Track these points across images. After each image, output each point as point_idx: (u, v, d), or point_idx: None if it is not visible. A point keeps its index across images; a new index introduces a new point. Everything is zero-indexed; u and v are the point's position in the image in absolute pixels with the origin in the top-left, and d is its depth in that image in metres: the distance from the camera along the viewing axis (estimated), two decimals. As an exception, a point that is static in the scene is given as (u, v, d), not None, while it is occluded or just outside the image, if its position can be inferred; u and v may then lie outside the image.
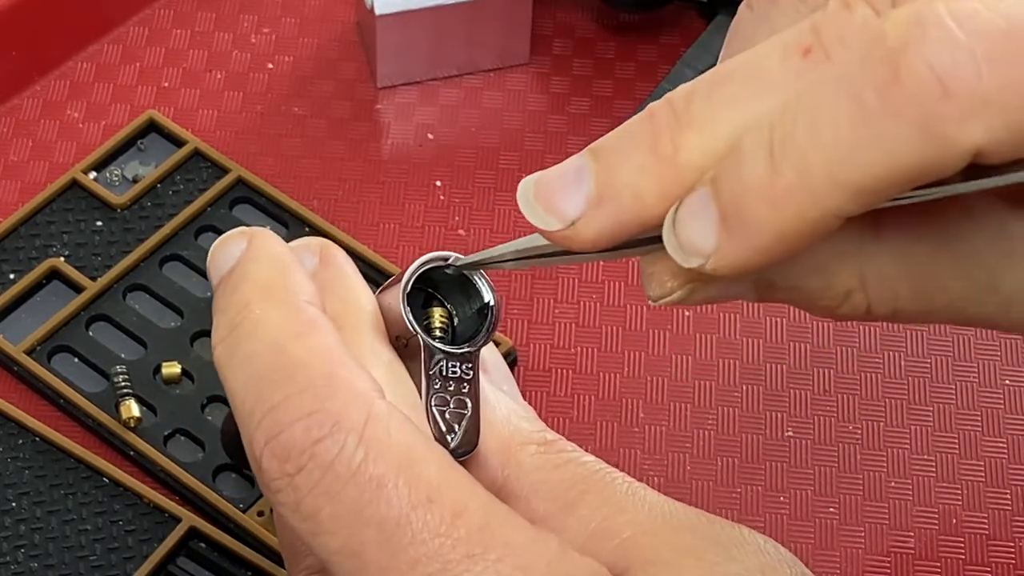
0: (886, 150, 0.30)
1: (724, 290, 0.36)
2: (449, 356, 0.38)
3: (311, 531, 0.34)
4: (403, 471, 0.34)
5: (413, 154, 0.66)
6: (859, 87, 0.30)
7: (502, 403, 0.39)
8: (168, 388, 0.57)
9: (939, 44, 0.30)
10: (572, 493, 0.37)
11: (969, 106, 0.30)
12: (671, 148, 0.33)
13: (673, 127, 0.33)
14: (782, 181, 0.31)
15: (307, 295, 0.37)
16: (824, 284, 0.36)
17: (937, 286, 0.35)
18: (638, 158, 0.33)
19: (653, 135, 0.33)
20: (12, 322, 0.59)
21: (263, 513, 0.55)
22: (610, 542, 0.36)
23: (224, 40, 0.69)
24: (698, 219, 0.33)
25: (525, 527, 0.34)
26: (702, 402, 0.59)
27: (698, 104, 0.33)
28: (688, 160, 0.33)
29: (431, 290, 0.39)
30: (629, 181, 0.33)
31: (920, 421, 0.59)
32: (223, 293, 0.38)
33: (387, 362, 0.38)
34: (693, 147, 0.33)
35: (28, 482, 0.55)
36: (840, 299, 0.36)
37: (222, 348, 0.37)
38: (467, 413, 0.37)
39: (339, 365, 0.35)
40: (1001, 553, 0.56)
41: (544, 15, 0.70)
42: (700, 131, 0.33)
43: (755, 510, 0.56)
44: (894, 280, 0.35)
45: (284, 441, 0.34)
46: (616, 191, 0.33)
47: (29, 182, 0.64)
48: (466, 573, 0.33)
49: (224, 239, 0.39)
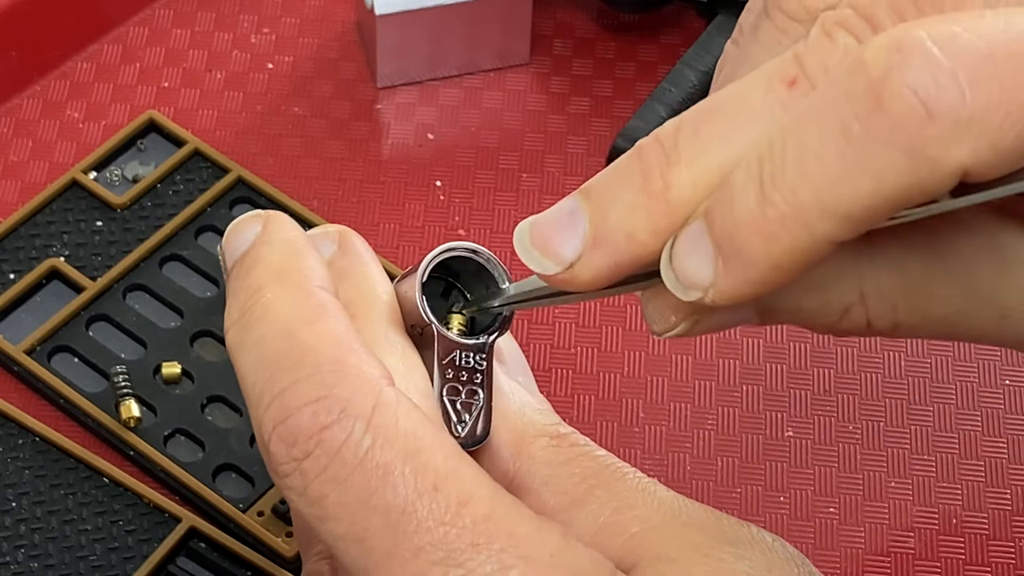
0: (874, 177, 0.31)
1: (726, 319, 0.36)
2: (463, 346, 0.38)
3: (317, 516, 0.35)
4: (410, 459, 0.34)
5: (413, 154, 0.66)
6: (843, 116, 0.31)
7: (517, 395, 0.39)
8: (168, 388, 0.57)
9: (921, 69, 0.30)
10: (582, 487, 0.37)
11: (953, 128, 0.30)
12: (661, 185, 0.33)
13: (662, 164, 0.34)
14: (773, 213, 0.31)
15: (319, 280, 0.37)
16: (823, 301, 0.36)
17: (933, 299, 0.36)
18: (629, 197, 0.34)
19: (643, 173, 0.34)
20: (12, 322, 0.59)
21: (263, 513, 0.55)
22: (619, 537, 0.36)
23: (224, 40, 0.69)
24: (694, 253, 0.33)
25: (530, 517, 0.35)
26: (702, 402, 0.59)
27: (685, 140, 0.34)
28: (679, 196, 0.33)
29: (451, 279, 0.40)
30: (622, 221, 0.34)
31: (920, 421, 0.59)
32: (236, 276, 0.38)
33: (400, 350, 0.38)
34: (684, 183, 0.33)
35: (28, 482, 0.55)
36: (840, 315, 0.36)
37: (234, 331, 0.37)
38: (479, 404, 0.38)
39: (348, 351, 0.35)
40: (1001, 553, 0.56)
41: (544, 15, 0.70)
42: (689, 166, 0.33)
43: (755, 510, 0.56)
44: (891, 293, 0.36)
45: (292, 426, 0.34)
46: (610, 232, 0.34)
47: (29, 182, 0.64)
48: (470, 561, 0.33)
49: (239, 222, 0.39)
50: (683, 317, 0.35)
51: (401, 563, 0.34)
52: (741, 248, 0.32)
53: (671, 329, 0.36)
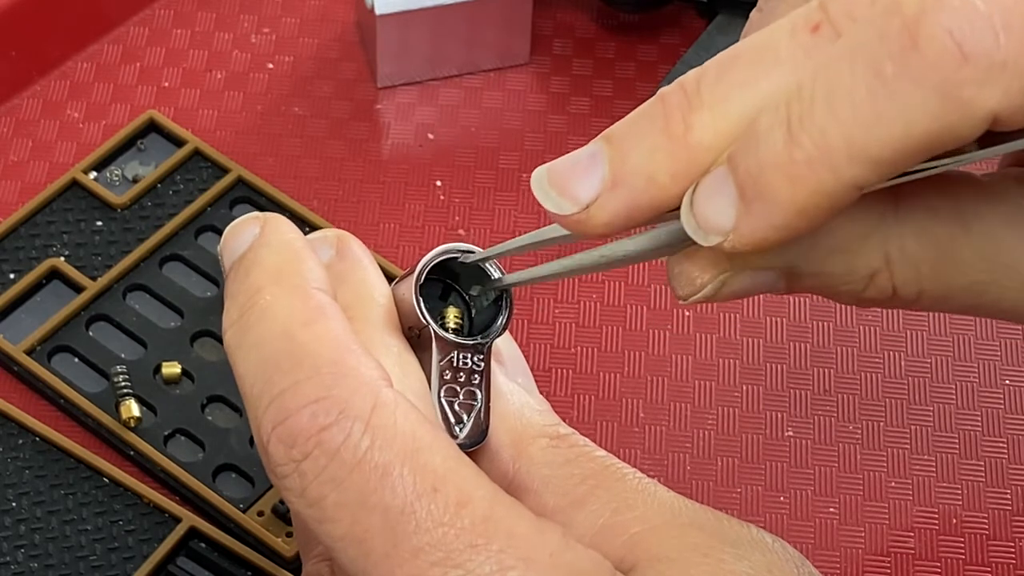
0: (905, 118, 0.31)
1: (752, 281, 0.36)
2: (460, 347, 0.38)
3: (316, 518, 0.34)
4: (408, 459, 0.34)
5: (413, 154, 0.66)
6: (877, 57, 0.31)
7: (516, 396, 0.39)
8: (168, 388, 0.57)
9: (957, 11, 0.30)
10: (582, 488, 0.37)
11: (987, 71, 0.30)
12: (683, 128, 0.33)
13: (684, 108, 0.33)
14: (801, 154, 0.31)
15: (318, 282, 0.37)
16: (849, 266, 0.36)
17: (957, 265, 0.36)
18: (651, 140, 0.34)
19: (665, 117, 0.34)
20: (12, 322, 0.59)
21: (263, 513, 0.55)
22: (619, 538, 0.36)
23: (224, 40, 0.69)
24: (716, 197, 0.33)
25: (529, 518, 0.35)
26: (702, 402, 0.59)
27: (708, 85, 0.33)
28: (701, 140, 0.33)
29: (449, 281, 0.39)
30: (642, 163, 0.34)
31: (920, 421, 0.59)
32: (235, 278, 0.38)
33: (396, 353, 0.38)
34: (706, 126, 0.33)
35: (28, 482, 0.55)
36: (865, 281, 0.36)
37: (232, 333, 0.37)
38: (477, 405, 0.37)
39: (347, 352, 0.35)
40: (1001, 553, 0.56)
41: (544, 15, 0.70)
42: (712, 110, 0.33)
43: (755, 510, 0.56)
44: (916, 258, 0.36)
45: (290, 427, 0.34)
46: (630, 173, 0.34)
47: (29, 182, 0.64)
48: (469, 562, 0.33)
49: (237, 224, 0.39)
50: (710, 278, 0.35)
51: (400, 564, 0.34)
52: (764, 190, 0.32)
53: (696, 292, 0.35)
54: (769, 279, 0.36)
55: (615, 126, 0.35)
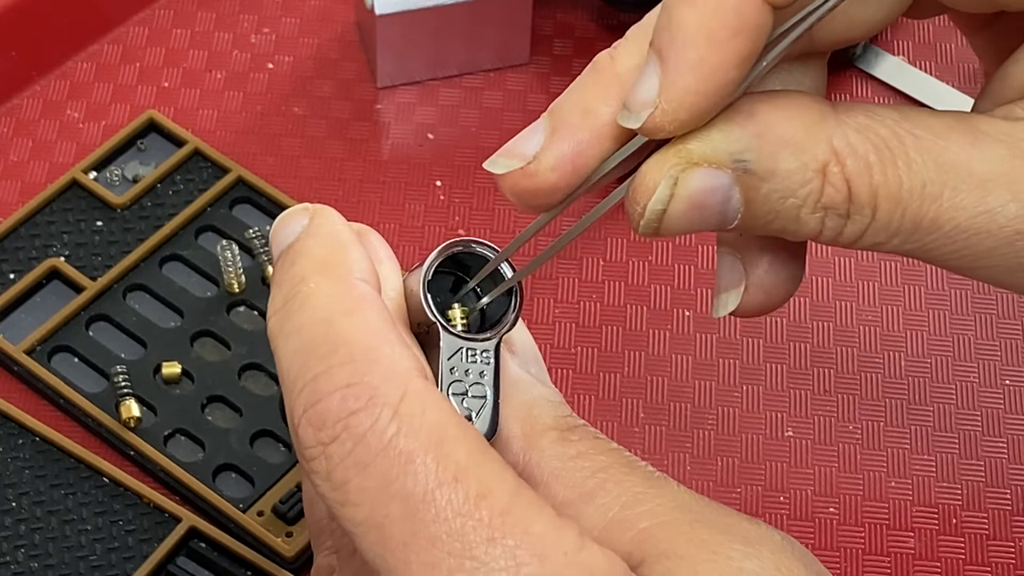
0: None
1: (703, 182, 0.36)
2: (469, 344, 0.38)
3: (339, 501, 0.35)
4: (433, 448, 0.34)
5: (413, 154, 0.66)
6: None
7: (528, 386, 0.39)
8: (168, 388, 0.57)
9: None
10: (592, 481, 0.37)
11: None
12: (608, 60, 0.37)
13: (610, 51, 0.37)
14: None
15: (362, 273, 0.37)
16: (800, 161, 0.36)
17: (905, 163, 0.36)
18: (581, 81, 0.37)
19: (593, 65, 0.37)
20: (12, 322, 0.59)
21: (263, 513, 0.55)
22: (627, 532, 0.36)
23: (224, 40, 0.69)
24: (642, 79, 0.35)
25: (548, 515, 0.34)
26: (702, 402, 0.59)
27: (631, 31, 0.37)
28: (627, 64, 0.36)
29: (460, 273, 0.39)
30: (576, 99, 0.36)
31: (920, 421, 0.59)
32: (281, 267, 0.38)
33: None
34: (631, 53, 0.36)
35: (28, 482, 0.55)
36: (820, 178, 0.36)
37: (275, 320, 0.37)
38: (486, 401, 0.37)
39: (384, 342, 0.36)
40: (1001, 553, 0.56)
41: (544, 15, 0.70)
42: (635, 41, 0.37)
43: (755, 510, 0.56)
44: (862, 150, 0.36)
45: (321, 410, 0.35)
46: (567, 112, 0.36)
47: (29, 182, 0.64)
48: (484, 555, 0.33)
49: (287, 214, 0.40)
50: (660, 177, 0.35)
51: (417, 551, 0.34)
52: (676, 33, 0.34)
53: (649, 196, 0.35)
54: (723, 183, 0.36)
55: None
